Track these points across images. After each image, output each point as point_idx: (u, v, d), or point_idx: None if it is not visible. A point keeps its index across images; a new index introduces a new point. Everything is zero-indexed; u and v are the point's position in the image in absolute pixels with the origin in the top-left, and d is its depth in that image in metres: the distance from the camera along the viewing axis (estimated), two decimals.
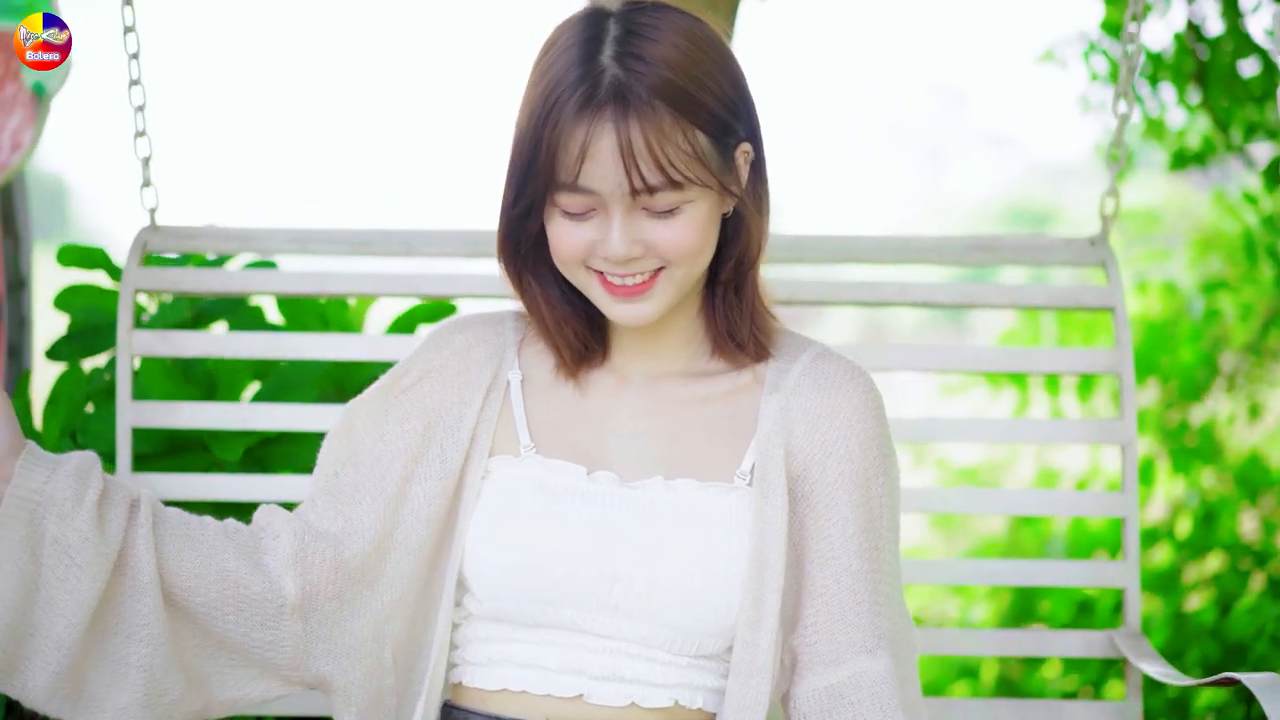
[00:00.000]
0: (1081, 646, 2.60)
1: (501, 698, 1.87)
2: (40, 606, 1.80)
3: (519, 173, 1.79)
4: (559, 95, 1.74)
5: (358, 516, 1.91)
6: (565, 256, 1.81)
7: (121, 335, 2.57)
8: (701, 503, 1.85)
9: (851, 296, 2.70)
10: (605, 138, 1.73)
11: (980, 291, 2.72)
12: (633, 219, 1.77)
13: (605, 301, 1.83)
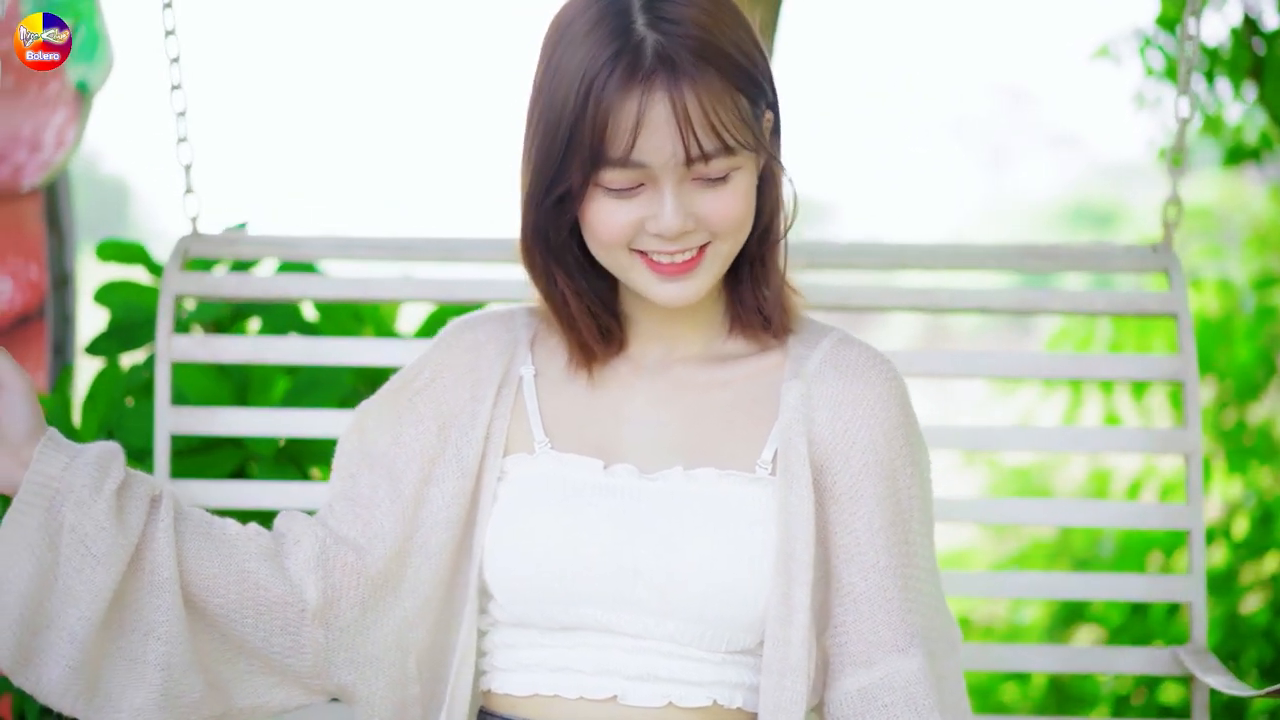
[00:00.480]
0: (1146, 663, 2.53)
1: (533, 703, 1.82)
2: (57, 596, 1.76)
3: (556, 157, 1.72)
4: (599, 70, 1.68)
5: (376, 521, 1.88)
6: (610, 238, 1.75)
7: (161, 341, 2.56)
8: (723, 492, 1.80)
9: (907, 302, 2.64)
10: (659, 106, 1.67)
11: (1040, 298, 2.65)
12: (683, 190, 1.72)
13: (649, 283, 1.77)
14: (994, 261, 2.67)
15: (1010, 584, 2.83)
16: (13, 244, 3.69)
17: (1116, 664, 2.59)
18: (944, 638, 1.83)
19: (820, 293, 2.52)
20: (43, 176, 3.64)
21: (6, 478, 1.78)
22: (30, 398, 1.78)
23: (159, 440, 2.54)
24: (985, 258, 2.68)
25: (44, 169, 3.63)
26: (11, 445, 1.77)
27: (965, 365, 2.67)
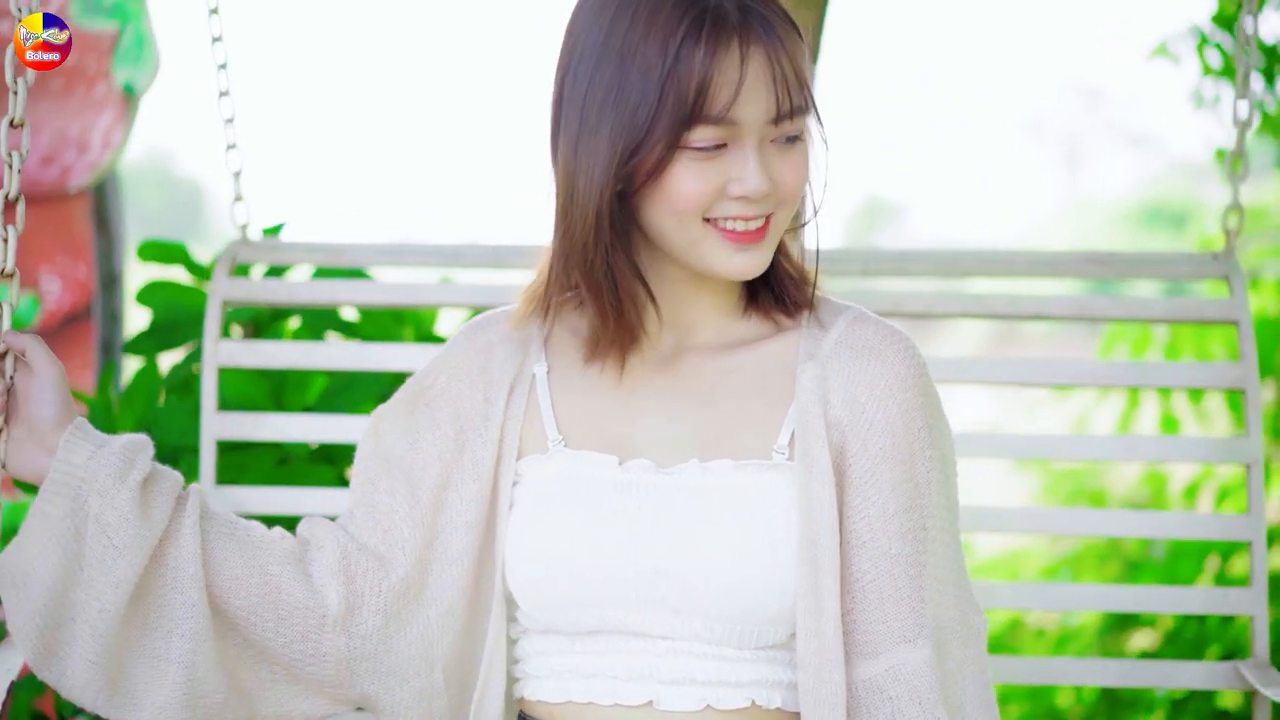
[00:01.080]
0: (1206, 678, 2.46)
1: (568, 710, 1.78)
2: (81, 588, 1.74)
3: (641, 123, 1.67)
4: (686, 29, 1.65)
5: (396, 528, 1.85)
6: (693, 202, 1.69)
7: (208, 347, 2.56)
8: (740, 483, 1.75)
9: (967, 309, 2.61)
10: (757, 60, 1.66)
11: (1101, 304, 2.61)
12: (764, 152, 1.70)
13: (720, 254, 1.72)
14: (1056, 269, 2.63)
15: (1064, 596, 2.77)
16: (61, 244, 3.73)
17: (1176, 678, 2.52)
18: (964, 625, 1.78)
19: (878, 299, 2.49)
20: (90, 178, 3.67)
21: (34, 465, 1.77)
22: (60, 386, 1.77)
23: (204, 445, 2.53)
24: (1047, 265, 2.64)
25: (91, 170, 3.66)
26: (39, 432, 1.77)
27: (1023, 373, 2.63)
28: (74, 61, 3.52)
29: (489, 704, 1.83)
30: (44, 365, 1.78)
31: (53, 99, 3.55)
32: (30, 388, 1.77)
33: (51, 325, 3.75)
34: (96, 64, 3.57)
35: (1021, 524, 2.67)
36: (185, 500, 1.80)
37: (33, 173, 3.61)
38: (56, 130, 3.60)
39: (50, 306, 3.74)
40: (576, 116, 1.71)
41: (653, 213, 1.72)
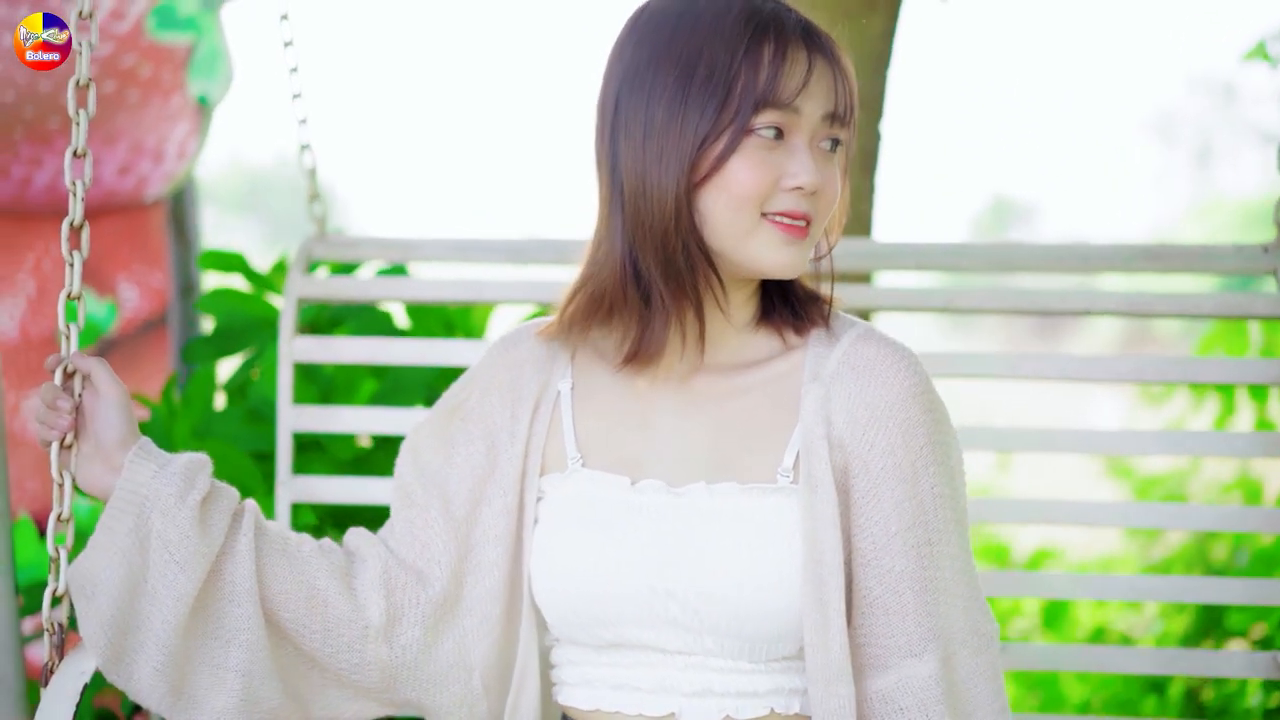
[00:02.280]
0: (1247, 667, 2.50)
1: (597, 717, 1.86)
2: (145, 598, 1.83)
3: (712, 109, 1.75)
4: (754, 26, 1.75)
5: (432, 544, 1.94)
6: (751, 189, 1.76)
7: (283, 343, 2.64)
8: (745, 506, 1.80)
9: (1012, 305, 2.64)
10: (823, 60, 1.77)
11: (1148, 301, 2.60)
12: (814, 152, 1.79)
13: (772, 246, 1.78)
14: (1107, 263, 2.65)
15: (1136, 587, 2.77)
16: (138, 253, 3.82)
17: (1216, 667, 2.54)
18: (974, 634, 1.82)
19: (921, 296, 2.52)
20: (165, 188, 3.75)
21: (100, 482, 1.87)
22: (124, 407, 1.87)
23: (281, 438, 2.62)
24: (1098, 259, 2.66)
25: (167, 180, 3.75)
26: (104, 451, 1.86)
27: (1061, 368, 2.62)
28: (150, 74, 3.62)
29: (523, 708, 1.92)
30: (108, 387, 1.87)
31: (129, 111, 3.64)
32: (96, 408, 1.87)
33: (129, 332, 3.84)
34: (171, 76, 3.65)
35: (1114, 519, 2.66)
36: (241, 517, 1.89)
37: (110, 183, 3.71)
38: (133, 141, 3.69)
39: (128, 313, 3.83)
40: (641, 118, 1.78)
41: (713, 205, 1.77)
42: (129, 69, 3.59)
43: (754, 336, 1.88)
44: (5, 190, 3.69)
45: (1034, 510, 2.69)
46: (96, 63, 3.54)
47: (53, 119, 3.57)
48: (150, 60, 3.61)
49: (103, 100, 3.59)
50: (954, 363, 2.62)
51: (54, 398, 1.87)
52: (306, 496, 2.64)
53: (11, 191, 3.68)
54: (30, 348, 3.80)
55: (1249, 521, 2.74)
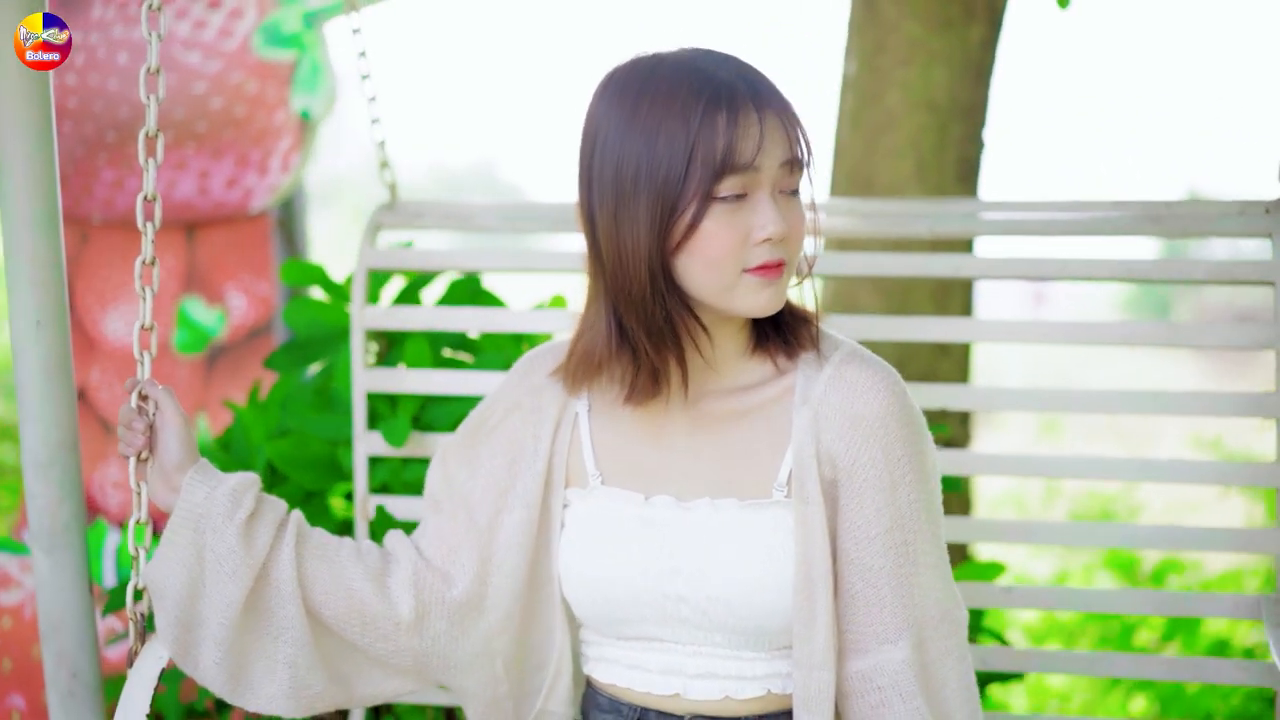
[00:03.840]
0: (1232, 608, 2.62)
1: (614, 690, 2.12)
2: (204, 601, 2.09)
3: (675, 182, 1.88)
4: (707, 100, 1.87)
5: (457, 551, 2.16)
6: (725, 251, 1.90)
7: (355, 310, 2.81)
8: (745, 520, 2.00)
9: (1010, 271, 2.71)
10: (772, 119, 1.90)
11: (1140, 267, 2.64)
12: (776, 200, 1.92)
13: (753, 292, 1.93)
14: (1110, 226, 2.68)
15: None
16: (246, 262, 3.94)
17: (1206, 608, 2.68)
18: (946, 620, 2.04)
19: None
20: (270, 199, 3.87)
21: (163, 500, 2.11)
22: (182, 435, 2.10)
23: (356, 398, 2.82)
24: (1101, 223, 2.70)
25: (271, 192, 3.86)
26: (164, 472, 2.10)
27: (1064, 332, 2.69)
28: (255, 90, 3.73)
29: (561, 684, 2.20)
30: (171, 415, 2.11)
31: (236, 126, 3.76)
32: (159, 435, 2.11)
33: (236, 339, 3.96)
34: (276, 92, 3.76)
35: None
36: (285, 528, 2.12)
37: (218, 195, 3.83)
38: (239, 155, 3.82)
39: (235, 321, 3.95)
40: (611, 191, 1.93)
41: (690, 267, 1.93)
42: (236, 85, 3.72)
43: (748, 362, 2.05)
44: (123, 203, 3.83)
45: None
46: (206, 79, 3.67)
47: (165, 133, 3.70)
48: (256, 77, 3.73)
49: (211, 116, 3.72)
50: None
51: (130, 419, 2.11)
52: (380, 450, 2.82)
53: (126, 204, 3.82)
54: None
55: None
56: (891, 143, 3.77)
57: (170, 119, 3.69)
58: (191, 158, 3.78)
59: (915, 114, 3.77)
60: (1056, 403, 2.72)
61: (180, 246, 3.93)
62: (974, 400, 2.88)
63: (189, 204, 3.83)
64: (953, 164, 3.80)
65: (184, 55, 3.69)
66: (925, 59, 3.76)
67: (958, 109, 3.79)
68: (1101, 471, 2.77)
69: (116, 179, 3.78)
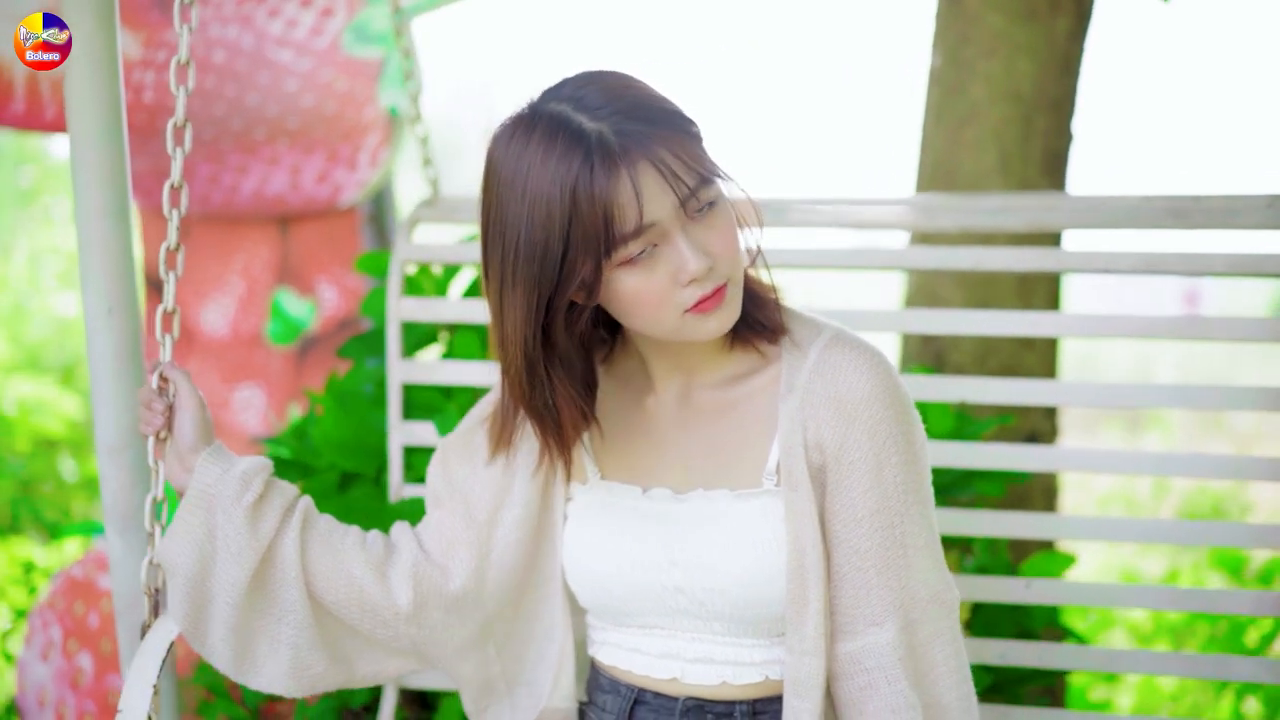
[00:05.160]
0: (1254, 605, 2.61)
1: (615, 671, 2.16)
2: (213, 579, 2.14)
3: (553, 266, 1.88)
4: (577, 173, 1.84)
5: (455, 546, 2.20)
6: (657, 301, 1.91)
7: (391, 302, 2.87)
8: (737, 509, 2.03)
9: (1038, 265, 2.68)
10: (645, 171, 1.85)
11: (1161, 260, 2.59)
12: (690, 233, 1.90)
13: (698, 326, 1.94)
14: (1133, 219, 2.65)
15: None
16: (336, 255, 4.02)
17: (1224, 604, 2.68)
18: (935, 601, 2.03)
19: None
20: (359, 194, 3.94)
21: (177, 480, 2.17)
22: (197, 417, 2.15)
23: (391, 389, 2.87)
24: (1123, 214, 2.66)
25: (360, 187, 3.94)
26: (180, 453, 2.16)
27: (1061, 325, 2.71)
28: (345, 87, 3.81)
29: (564, 678, 2.25)
30: (186, 397, 2.16)
31: (326, 123, 3.84)
32: (175, 416, 2.17)
33: (328, 330, 4.04)
34: (365, 89, 3.83)
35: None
36: (292, 513, 2.16)
37: (309, 190, 3.92)
38: (329, 150, 3.89)
39: (326, 313, 4.04)
40: (498, 264, 1.94)
41: (632, 323, 1.97)
42: (326, 83, 3.80)
43: (731, 354, 2.07)
44: (217, 197, 3.93)
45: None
46: (297, 76, 3.75)
47: (259, 129, 3.80)
48: (345, 74, 3.81)
49: (302, 113, 3.80)
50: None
51: (150, 399, 2.17)
52: (416, 440, 2.87)
53: (222, 198, 3.92)
54: (240, 344, 4.04)
55: None
56: (974, 135, 3.76)
57: (263, 116, 3.77)
58: (284, 153, 3.87)
59: (999, 106, 3.75)
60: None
61: (274, 240, 4.02)
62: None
63: (281, 199, 3.92)
64: (1038, 156, 3.78)
65: (276, 53, 3.78)
66: (1009, 51, 3.75)
67: (1043, 101, 3.77)
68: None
69: (212, 174, 3.88)
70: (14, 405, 8.35)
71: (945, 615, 2.04)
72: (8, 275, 10.45)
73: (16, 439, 7.90)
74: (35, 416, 8.19)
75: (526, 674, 2.28)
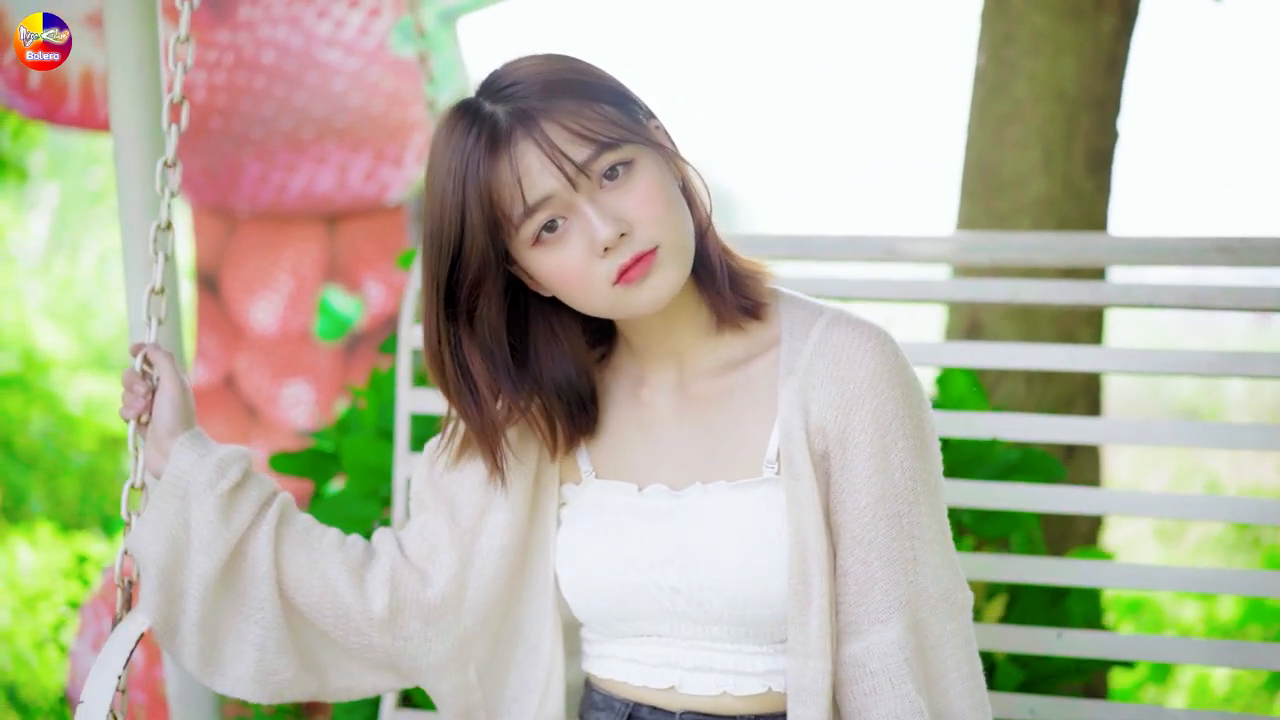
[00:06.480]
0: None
1: (610, 685, 2.01)
2: (184, 571, 2.01)
3: (466, 252, 1.82)
4: (465, 160, 1.81)
5: (437, 551, 2.06)
6: (580, 275, 1.83)
7: (403, 331, 2.79)
8: (736, 502, 1.89)
9: (1072, 298, 2.59)
10: (527, 152, 1.79)
11: (1208, 294, 2.51)
12: (599, 201, 1.81)
13: (629, 297, 1.83)
14: (1177, 257, 2.59)
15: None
16: (382, 252, 4.07)
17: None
18: (946, 601, 1.89)
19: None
20: (405, 192, 3.99)
21: (153, 465, 2.05)
22: (176, 400, 2.04)
23: (399, 419, 2.76)
24: (1167, 253, 2.60)
25: (406, 185, 3.98)
26: (157, 437, 2.04)
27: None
28: (392, 87, 3.85)
29: (551, 698, 2.09)
30: (167, 382, 2.05)
31: (372, 121, 3.88)
32: (156, 399, 2.06)
33: (375, 327, 4.09)
34: (411, 88, 3.88)
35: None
36: (268, 506, 2.03)
37: (356, 188, 3.96)
38: (376, 149, 3.94)
39: (373, 310, 4.08)
40: (425, 264, 1.88)
41: (564, 299, 1.87)
42: (373, 83, 3.84)
43: (720, 337, 1.96)
44: (265, 195, 3.98)
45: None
46: (345, 76, 3.80)
47: (306, 128, 3.85)
48: (392, 73, 3.85)
49: (350, 111, 3.85)
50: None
51: (132, 382, 2.06)
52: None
53: (271, 196, 3.97)
54: (289, 340, 4.09)
55: None
56: (1018, 133, 3.76)
57: (311, 115, 3.82)
58: (332, 152, 3.91)
59: (1042, 104, 3.75)
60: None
61: (321, 237, 4.07)
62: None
63: (328, 197, 3.97)
64: (1082, 154, 3.77)
65: (324, 53, 3.82)
66: (1053, 49, 3.74)
67: (1088, 99, 3.76)
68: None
69: (262, 173, 3.93)
70: (80, 403, 8.47)
71: (956, 616, 1.90)
72: (75, 275, 10.59)
73: (82, 436, 8.01)
74: (100, 415, 8.30)
75: (508, 702, 2.13)
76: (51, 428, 8.04)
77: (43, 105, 3.81)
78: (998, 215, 3.73)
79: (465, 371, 1.91)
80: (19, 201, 10.80)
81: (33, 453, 7.69)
